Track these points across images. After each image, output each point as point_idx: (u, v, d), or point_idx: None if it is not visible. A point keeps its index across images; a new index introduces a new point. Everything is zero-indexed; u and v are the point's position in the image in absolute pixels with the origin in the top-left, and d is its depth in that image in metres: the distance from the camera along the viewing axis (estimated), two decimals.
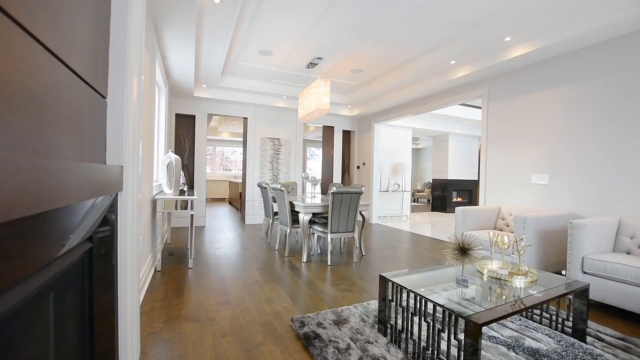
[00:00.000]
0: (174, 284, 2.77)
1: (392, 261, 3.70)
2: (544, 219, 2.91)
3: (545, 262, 2.92)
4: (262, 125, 6.47)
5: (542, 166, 3.54)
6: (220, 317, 2.15)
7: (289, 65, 4.78)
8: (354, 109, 6.85)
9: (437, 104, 5.09)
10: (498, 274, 1.89)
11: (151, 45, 2.81)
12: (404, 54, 4.24)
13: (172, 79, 4.53)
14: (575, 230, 2.46)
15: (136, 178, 1.41)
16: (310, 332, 1.90)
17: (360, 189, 3.55)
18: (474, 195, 9.75)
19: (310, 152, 13.09)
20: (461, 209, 3.54)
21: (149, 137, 2.85)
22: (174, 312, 2.21)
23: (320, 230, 3.66)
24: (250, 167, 6.39)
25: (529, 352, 1.73)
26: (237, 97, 5.79)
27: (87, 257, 0.93)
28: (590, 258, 2.38)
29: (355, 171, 7.54)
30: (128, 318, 1.33)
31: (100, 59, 1.02)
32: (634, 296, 2.14)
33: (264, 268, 3.31)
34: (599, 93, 3.06)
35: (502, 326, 2.03)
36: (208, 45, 3.68)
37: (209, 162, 12.14)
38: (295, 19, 3.35)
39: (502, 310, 1.46)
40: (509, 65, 3.71)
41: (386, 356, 1.66)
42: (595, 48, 3.08)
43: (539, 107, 3.59)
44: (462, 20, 3.28)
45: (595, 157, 3.07)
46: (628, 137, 2.84)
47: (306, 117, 4.59)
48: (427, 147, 13.03)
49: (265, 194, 4.60)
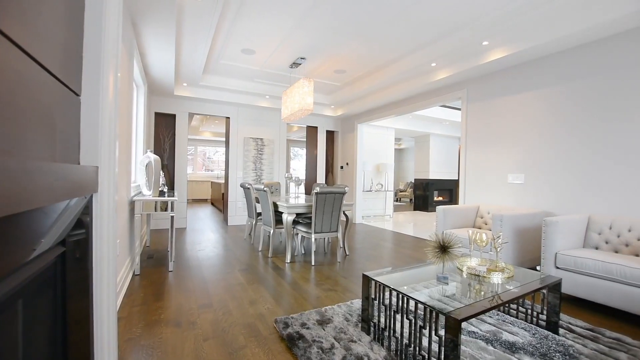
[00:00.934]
0: (154, 287, 2.69)
1: (375, 260, 3.74)
2: (520, 217, 3.03)
3: (521, 258, 3.04)
4: (245, 125, 6.40)
5: (518, 166, 3.68)
6: (201, 320, 2.11)
7: (272, 65, 4.75)
8: (338, 109, 6.89)
9: (419, 105, 5.19)
10: (477, 271, 1.95)
11: (128, 41, 2.72)
12: (386, 56, 4.30)
13: (151, 77, 4.40)
14: (548, 228, 2.57)
15: (112, 179, 1.36)
16: (294, 333, 1.89)
17: (343, 189, 3.57)
18: (455, 195, 10.01)
19: (294, 152, 13.05)
20: (442, 208, 3.63)
21: (126, 137, 2.76)
22: (153, 316, 2.14)
23: (304, 231, 3.66)
24: (232, 167, 6.30)
25: (506, 346, 1.79)
26: (219, 96, 5.70)
27: (59, 261, 0.89)
28: (562, 254, 2.49)
29: (339, 171, 7.58)
30: (104, 324, 1.28)
31: (72, 55, 0.98)
32: (601, 289, 2.25)
33: (247, 269, 3.27)
34: (570, 97, 3.21)
35: (481, 321, 2.10)
36: (189, 42, 3.60)
37: (190, 163, 11.88)
38: (278, 18, 3.33)
39: (480, 305, 1.51)
40: (486, 68, 3.83)
41: (369, 354, 1.68)
42: (568, 53, 3.23)
43: (515, 109, 3.72)
44: (442, 24, 3.36)
45: (567, 158, 3.22)
46: (595, 140, 3.00)
47: (289, 117, 4.57)
48: (409, 147, 13.27)
49: (249, 195, 4.55)
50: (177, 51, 3.84)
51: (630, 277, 2.11)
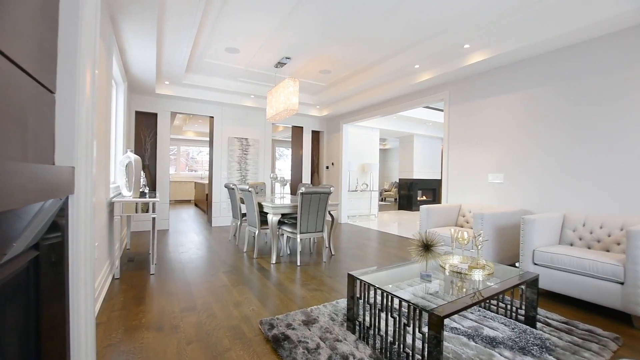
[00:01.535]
0: (134, 291, 2.61)
1: (360, 260, 3.77)
2: (500, 215, 3.12)
3: (501, 255, 3.13)
4: (230, 125, 6.32)
5: (497, 166, 3.79)
6: (185, 323, 2.06)
7: (257, 64, 4.71)
8: (323, 109, 6.90)
9: (403, 106, 5.27)
10: (459, 268, 2.00)
11: (107, 37, 2.64)
12: (371, 57, 4.34)
13: (132, 74, 4.28)
14: (526, 225, 2.66)
15: (90, 179, 1.32)
16: (279, 334, 1.88)
17: (329, 189, 3.58)
18: (438, 194, 10.22)
19: (279, 152, 12.99)
20: (425, 207, 3.69)
21: (104, 136, 2.67)
22: (134, 321, 2.08)
23: (290, 231, 3.64)
24: (217, 167, 6.21)
25: (486, 341, 1.84)
26: (203, 95, 5.60)
27: (32, 266, 0.86)
28: (539, 250, 2.59)
29: (325, 171, 7.60)
30: (82, 331, 1.23)
31: (46, 50, 0.94)
32: (575, 283, 2.35)
33: (231, 271, 3.23)
34: (546, 99, 3.33)
35: (463, 317, 2.15)
36: (171, 40, 3.52)
37: (172, 163, 11.62)
38: (262, 17, 3.31)
39: (462, 302, 1.54)
40: (468, 70, 3.93)
41: (355, 353, 1.69)
42: (543, 57, 3.35)
43: (494, 111, 3.84)
44: (425, 26, 3.43)
45: (544, 158, 3.35)
46: (570, 140, 3.13)
47: (275, 117, 4.55)
48: (393, 147, 13.44)
49: (233, 195, 4.50)
50: (159, 48, 3.75)
51: (602, 271, 2.22)
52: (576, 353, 1.72)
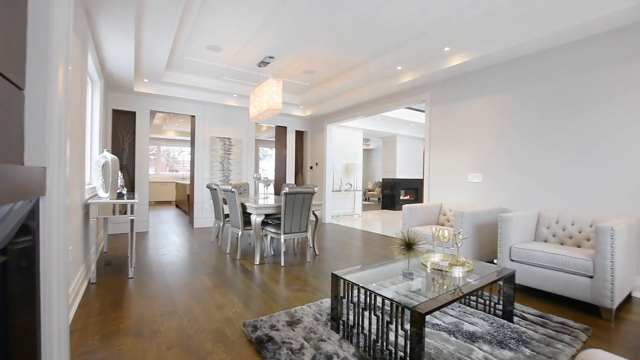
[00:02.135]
0: (112, 296, 2.53)
1: (344, 259, 3.79)
2: (478, 213, 3.22)
3: (480, 252, 3.23)
4: (212, 124, 6.21)
5: (476, 166, 3.91)
6: (165, 328, 2.01)
7: (240, 63, 4.65)
8: (307, 109, 6.89)
9: (386, 106, 5.33)
10: (440, 266, 2.04)
11: (82, 32, 2.54)
12: (354, 58, 4.37)
13: (109, 71, 4.13)
14: (504, 223, 2.76)
15: (63, 180, 1.26)
16: (263, 336, 1.86)
17: (312, 189, 3.58)
18: (420, 194, 10.42)
19: (263, 152, 12.88)
20: (408, 207, 3.76)
21: (79, 135, 2.56)
22: (111, 327, 2.01)
23: (273, 232, 3.62)
24: (198, 167, 6.08)
25: (466, 336, 1.89)
26: (184, 93, 5.48)
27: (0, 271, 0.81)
28: (516, 247, 2.68)
29: (309, 171, 7.59)
30: (54, 339, 1.18)
31: (13, 44, 0.89)
32: (549, 278, 2.46)
33: (214, 273, 3.17)
34: (522, 102, 3.46)
35: (444, 314, 2.20)
36: (150, 36, 3.42)
37: (152, 163, 11.30)
38: (245, 16, 3.27)
39: (443, 299, 1.58)
40: (448, 72, 4.03)
41: (338, 352, 1.70)
42: (519, 61, 3.48)
43: (473, 112, 3.95)
44: (405, 29, 3.48)
45: (519, 158, 3.47)
46: (544, 141, 3.27)
47: (258, 117, 4.51)
48: (377, 147, 13.60)
49: (216, 196, 4.42)
50: (137, 45, 3.64)
51: (573, 266, 2.32)
52: (550, 345, 1.80)
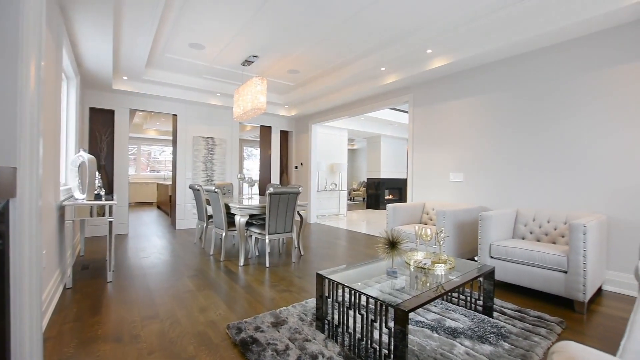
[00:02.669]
0: (89, 301, 2.44)
1: (329, 259, 3.80)
2: (460, 212, 3.29)
3: (462, 250, 3.31)
4: (194, 124, 6.09)
5: (457, 166, 4.00)
6: (146, 332, 1.96)
7: (223, 62, 4.59)
8: (291, 109, 6.87)
9: (370, 107, 5.39)
10: (422, 264, 2.08)
11: (56, 27, 2.43)
12: (338, 58, 4.39)
13: (85, 68, 3.98)
14: (484, 221, 2.84)
15: (35, 181, 1.21)
16: (247, 338, 1.84)
17: (297, 189, 3.57)
18: (404, 193, 10.57)
19: (247, 152, 12.74)
20: (392, 206, 3.80)
21: (53, 134, 2.46)
22: (89, 333, 1.94)
23: (258, 232, 3.59)
24: (181, 167, 5.95)
25: (448, 332, 1.93)
26: (165, 92, 5.35)
27: None
28: (495, 244, 2.76)
29: (294, 171, 7.57)
30: (26, 347, 1.12)
31: None
32: (526, 274, 2.54)
33: (197, 275, 3.11)
34: (501, 104, 3.57)
35: (427, 311, 2.24)
36: (129, 32, 3.32)
37: (132, 163, 10.98)
38: (228, 14, 3.23)
39: (426, 296, 1.61)
40: (430, 74, 4.11)
41: (324, 352, 1.70)
42: (500, 64, 3.59)
43: (454, 113, 4.05)
44: (390, 30, 3.53)
45: (499, 158, 3.58)
46: (522, 142, 3.38)
47: (242, 116, 4.46)
48: (361, 147, 13.71)
49: (198, 197, 4.34)
50: (116, 41, 3.53)
51: (549, 262, 2.42)
52: (527, 338, 1.87)
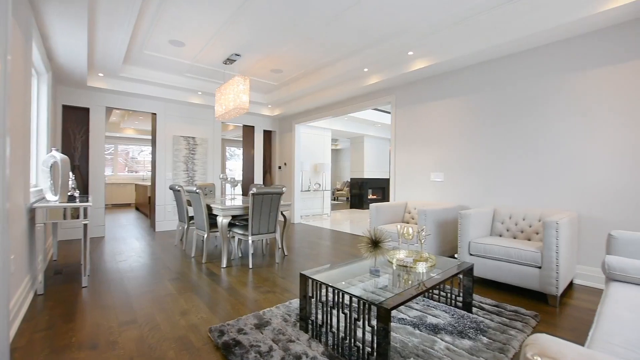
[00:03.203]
0: (62, 307, 2.33)
1: (313, 259, 3.80)
2: (440, 211, 3.37)
3: (442, 247, 3.39)
4: (175, 123, 5.94)
5: (438, 165, 4.10)
6: (124, 339, 1.89)
7: (204, 60, 4.50)
8: (275, 109, 6.83)
9: (353, 107, 5.43)
10: (405, 262, 2.12)
11: (24, 19, 2.31)
12: (322, 58, 4.40)
13: (58, 63, 3.81)
14: (463, 219, 2.91)
15: (2, 182, 1.14)
16: (230, 340, 1.82)
17: (281, 189, 3.55)
18: (387, 193, 10.72)
19: (230, 152, 12.57)
20: (375, 206, 3.85)
21: (22, 132, 2.34)
22: (62, 341, 1.86)
23: (241, 233, 3.54)
24: (160, 168, 5.80)
25: (430, 328, 1.97)
26: (144, 89, 5.19)
27: None
28: (474, 242, 2.85)
29: (277, 171, 7.52)
30: None
31: None
32: (503, 270, 2.63)
33: (178, 278, 3.04)
34: (479, 105, 3.68)
35: (409, 308, 2.28)
36: (105, 27, 3.20)
37: (109, 163, 10.60)
38: (210, 11, 3.17)
39: (407, 294, 1.63)
40: (412, 76, 4.18)
41: (307, 352, 1.70)
42: (478, 67, 3.70)
43: (435, 115, 4.14)
44: (373, 32, 3.56)
45: (478, 158, 3.69)
46: (499, 142, 3.50)
47: (224, 116, 4.39)
48: (345, 148, 13.79)
49: (179, 197, 4.24)
50: (91, 36, 3.39)
51: (524, 258, 2.51)
52: (504, 332, 1.93)
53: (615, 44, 2.73)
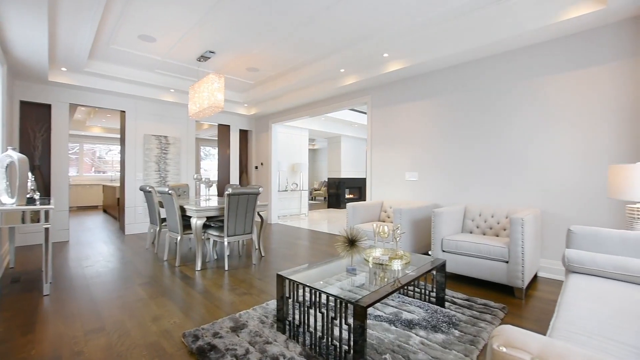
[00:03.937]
0: (21, 318, 2.17)
1: (291, 259, 3.78)
2: (415, 209, 3.46)
3: (417, 245, 3.48)
4: (145, 121, 5.70)
5: (413, 165, 4.20)
6: (90, 348, 1.80)
7: (177, 56, 4.35)
8: (251, 108, 6.73)
9: (330, 107, 5.45)
10: (380, 260, 2.15)
11: None
12: (298, 58, 4.38)
13: (14, 56, 3.54)
14: (436, 217, 3.01)
15: None
16: (204, 345, 1.77)
17: (257, 189, 3.50)
18: (363, 192, 10.87)
19: (205, 152, 12.25)
20: (351, 205, 3.89)
21: None
22: (20, 354, 1.73)
23: (216, 235, 3.46)
24: (130, 168, 5.55)
25: (405, 324, 2.02)
26: (111, 86, 4.94)
27: None
28: (447, 239, 2.94)
29: (254, 171, 7.42)
30: None
31: None
32: (474, 265, 2.75)
33: (149, 283, 2.92)
34: (451, 107, 3.81)
35: (385, 305, 2.32)
36: (68, 18, 3.02)
37: (74, 163, 10.02)
38: (182, 6, 3.07)
39: (383, 291, 1.66)
40: (387, 77, 4.26)
41: (285, 353, 1.69)
42: (449, 70, 3.83)
43: (409, 116, 4.24)
44: (348, 33, 3.59)
45: (450, 158, 3.82)
46: (470, 143, 3.64)
47: (198, 114, 4.27)
48: (322, 147, 13.84)
49: (150, 199, 4.08)
50: (52, 28, 3.18)
51: (493, 253, 2.63)
52: (475, 324, 2.01)
53: (574, 52, 2.92)
